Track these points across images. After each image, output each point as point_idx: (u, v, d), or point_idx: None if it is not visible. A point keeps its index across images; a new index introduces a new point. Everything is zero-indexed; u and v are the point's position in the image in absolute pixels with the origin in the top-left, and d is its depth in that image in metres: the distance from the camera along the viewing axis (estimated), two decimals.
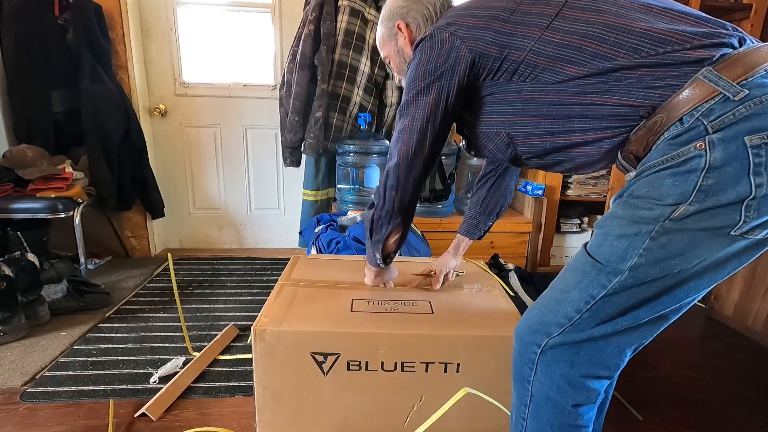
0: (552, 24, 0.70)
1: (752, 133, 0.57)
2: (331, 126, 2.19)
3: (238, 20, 2.46)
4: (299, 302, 1.11)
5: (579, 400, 0.72)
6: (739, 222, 0.58)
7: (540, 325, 0.73)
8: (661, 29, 0.64)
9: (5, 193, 1.91)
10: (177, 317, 1.77)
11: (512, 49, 0.73)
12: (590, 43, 0.67)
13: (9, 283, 1.55)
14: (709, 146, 0.58)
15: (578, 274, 0.70)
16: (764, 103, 0.57)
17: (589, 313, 0.67)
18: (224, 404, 1.29)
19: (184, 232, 2.73)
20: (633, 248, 0.63)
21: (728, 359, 1.68)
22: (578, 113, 0.70)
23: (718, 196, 0.58)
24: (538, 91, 0.73)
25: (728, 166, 0.57)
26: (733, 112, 0.58)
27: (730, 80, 0.59)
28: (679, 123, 0.61)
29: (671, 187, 0.60)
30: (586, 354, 0.70)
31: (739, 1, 2.19)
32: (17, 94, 2.09)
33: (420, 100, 0.81)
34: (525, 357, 0.75)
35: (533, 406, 0.75)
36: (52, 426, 1.18)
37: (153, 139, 2.53)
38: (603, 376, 0.71)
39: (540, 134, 0.76)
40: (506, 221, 2.31)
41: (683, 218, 0.60)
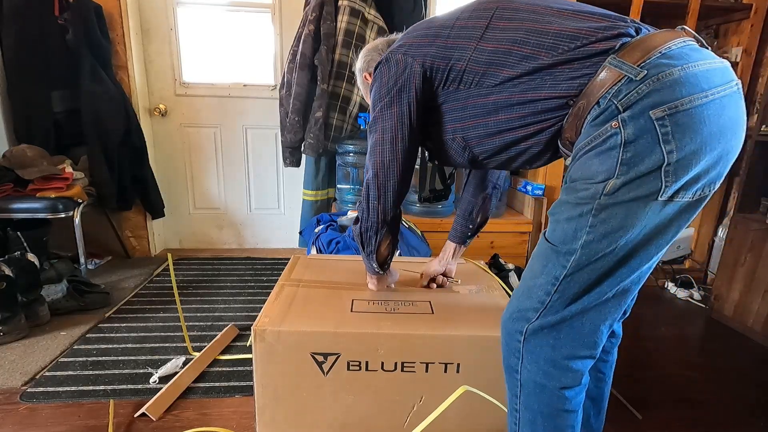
0: (484, 35, 0.81)
1: (655, 107, 0.64)
2: (331, 126, 2.18)
3: (238, 20, 2.46)
4: (299, 302, 1.11)
5: (565, 383, 0.76)
6: (662, 187, 0.66)
7: (518, 312, 0.79)
8: (571, 28, 0.74)
9: (5, 193, 1.91)
10: (177, 317, 1.77)
11: (455, 60, 0.83)
12: (517, 47, 0.77)
13: (9, 283, 1.55)
14: (621, 124, 0.66)
15: (542, 260, 0.76)
16: (661, 80, 0.65)
17: (557, 294, 0.74)
18: (224, 404, 1.29)
19: (184, 232, 2.73)
20: (580, 228, 0.70)
21: (728, 359, 1.68)
22: (517, 110, 0.79)
23: (638, 166, 0.65)
24: (482, 95, 0.82)
25: (641, 138, 0.65)
26: (636, 90, 0.66)
27: (631, 63, 0.67)
28: (597, 105, 0.69)
29: (599, 165, 0.68)
30: (565, 335, 0.75)
31: (739, 1, 2.19)
32: (17, 94, 2.09)
33: (386, 113, 0.90)
34: (511, 347, 0.80)
35: (524, 395, 0.80)
36: (52, 426, 1.18)
37: (153, 139, 2.53)
38: (585, 356, 0.76)
39: (489, 134, 0.84)
40: (506, 221, 2.31)
41: (614, 192, 0.67)
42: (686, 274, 2.40)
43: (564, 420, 0.78)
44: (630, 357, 1.64)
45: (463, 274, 1.37)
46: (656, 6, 2.14)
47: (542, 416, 0.78)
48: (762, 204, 1.93)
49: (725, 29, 2.35)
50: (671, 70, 0.65)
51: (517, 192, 2.48)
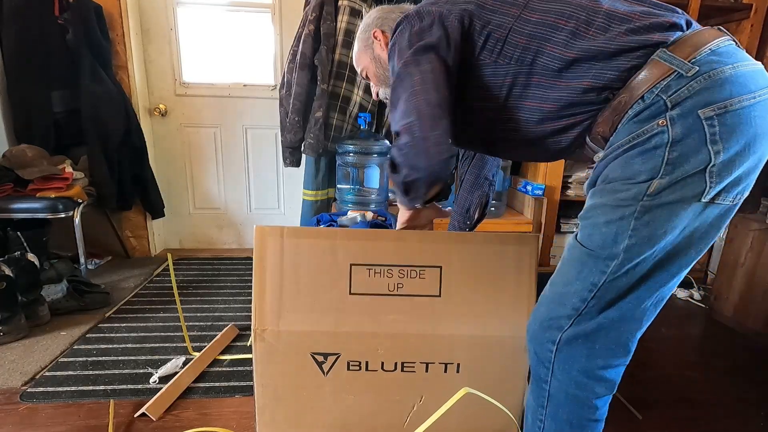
0: (529, 3, 0.74)
1: (704, 107, 0.63)
2: (331, 126, 2.18)
3: (238, 20, 2.46)
4: (290, 278, 0.98)
5: (599, 392, 0.74)
6: (706, 188, 0.64)
7: (550, 321, 0.75)
8: (622, 10, 0.70)
9: (5, 193, 1.91)
10: (177, 317, 1.77)
11: (494, 26, 0.75)
12: (564, 21, 0.71)
13: (9, 283, 1.55)
14: (669, 122, 0.64)
15: (576, 266, 0.73)
16: (712, 77, 0.63)
17: (594, 300, 0.71)
18: (224, 404, 1.29)
19: (184, 232, 2.73)
20: (622, 231, 0.67)
21: (728, 359, 1.68)
22: (556, 96, 0.73)
23: (684, 166, 0.64)
24: (520, 74, 0.75)
25: (688, 138, 0.63)
26: (687, 86, 0.63)
27: (682, 59, 0.65)
28: (641, 101, 0.66)
29: (642, 164, 0.65)
30: (600, 344, 0.72)
31: (739, 1, 2.19)
32: (17, 94, 2.09)
33: (421, 58, 0.75)
34: (541, 357, 0.77)
35: (551, 406, 0.77)
36: (52, 426, 1.18)
37: (153, 139, 2.53)
38: (619, 364, 0.75)
39: (517, 118, 0.78)
40: (506, 221, 2.31)
41: (659, 192, 0.65)
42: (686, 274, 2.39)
43: (591, 430, 0.76)
44: None
45: None
46: None
47: (570, 427, 0.76)
48: (762, 204, 1.93)
49: (725, 29, 2.34)
50: (722, 68, 0.64)
51: (517, 192, 2.48)
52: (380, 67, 0.99)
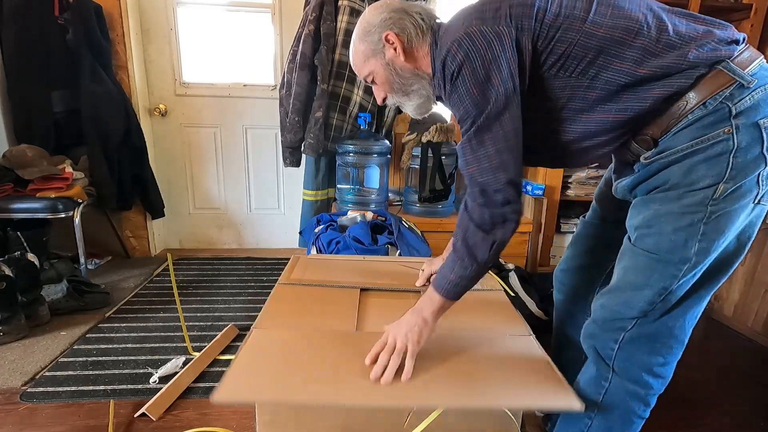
0: (591, 17, 0.72)
1: (765, 117, 0.68)
2: (331, 126, 2.18)
3: (238, 20, 2.45)
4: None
5: (656, 388, 0.80)
6: (759, 191, 0.70)
7: (613, 322, 0.79)
8: (685, 28, 0.73)
9: (5, 193, 1.91)
10: (177, 317, 1.77)
11: (557, 41, 0.73)
12: (631, 38, 0.71)
13: (9, 283, 1.55)
14: (735, 130, 0.68)
15: (645, 272, 0.76)
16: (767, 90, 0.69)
17: (661, 303, 0.76)
18: (224, 404, 1.29)
19: (184, 232, 2.73)
20: (692, 236, 0.71)
21: (728, 359, 1.68)
22: (622, 108, 0.74)
23: (745, 171, 0.69)
24: (584, 87, 0.74)
25: (751, 146, 0.68)
26: (749, 96, 0.68)
27: (743, 71, 0.69)
28: (703, 107, 0.69)
29: (707, 169, 0.69)
30: (663, 343, 0.78)
31: (739, 1, 2.18)
32: (17, 94, 2.09)
33: (510, 102, 0.74)
34: (603, 355, 0.81)
35: (606, 403, 0.81)
36: (52, 426, 1.18)
37: (153, 139, 2.53)
38: (674, 360, 0.81)
39: (576, 131, 0.79)
40: None
41: (724, 196, 0.69)
42: None
43: (637, 426, 0.82)
44: None
45: None
46: None
47: (621, 423, 0.81)
48: None
49: None
50: None
51: None
52: (394, 73, 0.89)
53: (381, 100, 0.96)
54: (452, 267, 0.83)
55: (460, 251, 0.82)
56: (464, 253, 0.81)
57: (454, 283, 0.83)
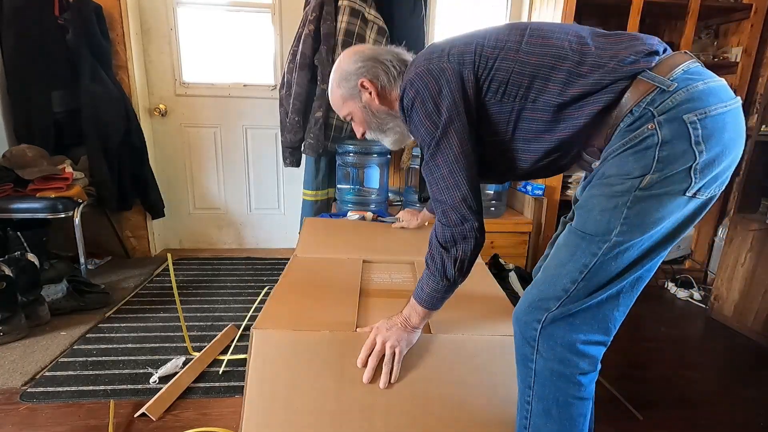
0: (522, 48, 0.82)
1: (688, 113, 0.72)
2: (331, 126, 2.18)
3: (238, 20, 2.45)
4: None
5: (582, 367, 0.79)
6: (691, 183, 0.73)
7: (539, 302, 0.81)
8: (610, 51, 0.79)
9: (5, 193, 1.91)
10: (177, 317, 1.77)
11: (498, 71, 0.83)
12: (560, 63, 0.79)
13: (9, 283, 1.55)
14: (658, 126, 0.73)
15: (570, 249, 0.80)
16: (689, 90, 0.73)
17: (583, 282, 0.78)
18: (224, 404, 1.29)
19: (184, 232, 2.73)
20: (615, 218, 0.75)
21: (728, 359, 1.68)
22: (564, 127, 0.82)
23: (673, 164, 0.72)
24: (527, 110, 0.83)
25: (675, 140, 0.72)
26: (671, 99, 0.73)
27: (663, 76, 0.75)
28: (630, 114, 0.76)
29: (635, 162, 0.74)
30: (582, 321, 0.79)
31: (739, 1, 2.19)
32: (17, 94, 2.09)
33: (455, 126, 0.84)
34: (526, 336, 0.82)
35: (537, 385, 0.82)
36: (52, 426, 1.18)
37: (153, 139, 2.53)
38: (599, 341, 0.80)
39: (529, 150, 0.86)
40: (506, 221, 2.31)
41: (650, 186, 0.73)
42: (686, 274, 2.40)
43: (578, 408, 0.80)
44: (630, 357, 1.64)
45: None
46: (656, 6, 2.14)
47: (557, 405, 0.80)
48: (762, 204, 1.93)
49: (725, 29, 2.34)
50: (696, 84, 0.74)
51: (517, 192, 2.48)
52: (370, 114, 1.02)
53: (360, 135, 1.09)
54: (427, 281, 0.92)
55: (431, 268, 0.91)
56: (434, 270, 0.90)
57: (430, 296, 0.92)
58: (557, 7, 2.16)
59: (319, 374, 0.99)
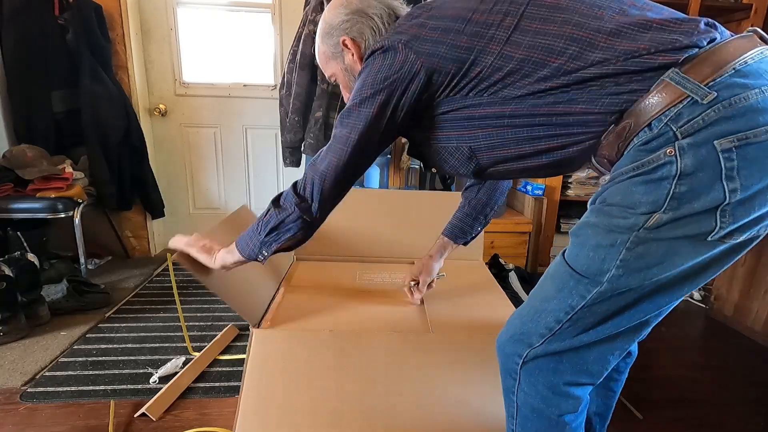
0: (512, 37, 0.67)
1: (722, 137, 0.54)
2: (331, 126, 2.18)
3: (238, 20, 2.46)
4: None
5: (564, 409, 0.70)
6: (716, 228, 0.57)
7: (521, 335, 0.71)
8: (626, 43, 0.61)
9: (5, 193, 1.91)
10: (177, 317, 1.77)
11: (471, 65, 0.70)
12: (552, 58, 0.65)
13: (9, 283, 1.55)
14: (679, 152, 0.56)
15: (557, 283, 0.68)
16: (734, 105, 0.54)
17: (569, 323, 0.66)
18: (224, 404, 1.29)
19: (184, 232, 2.71)
20: (610, 259, 0.61)
21: (728, 359, 1.68)
22: (543, 122, 0.68)
23: (692, 203, 0.56)
24: (498, 104, 0.70)
25: (700, 172, 0.55)
26: (702, 116, 0.55)
27: (698, 82, 0.56)
28: (648, 129, 0.59)
29: (644, 194, 0.58)
30: (568, 362, 0.69)
31: (739, 1, 2.19)
32: (17, 94, 2.09)
33: (362, 111, 0.76)
34: (508, 368, 0.74)
35: (520, 417, 0.75)
36: (52, 426, 1.18)
37: (153, 139, 2.53)
38: (586, 383, 0.71)
39: (504, 144, 0.73)
40: (506, 221, 2.31)
41: (658, 227, 0.58)
42: None
43: None
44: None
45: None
46: None
47: None
48: None
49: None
50: (747, 93, 0.55)
51: (517, 192, 2.48)
52: (353, 78, 0.89)
53: (347, 97, 0.92)
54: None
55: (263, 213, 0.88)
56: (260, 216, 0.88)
57: (241, 235, 0.95)
58: None
59: (319, 374, 0.99)
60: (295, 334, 1.00)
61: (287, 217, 0.83)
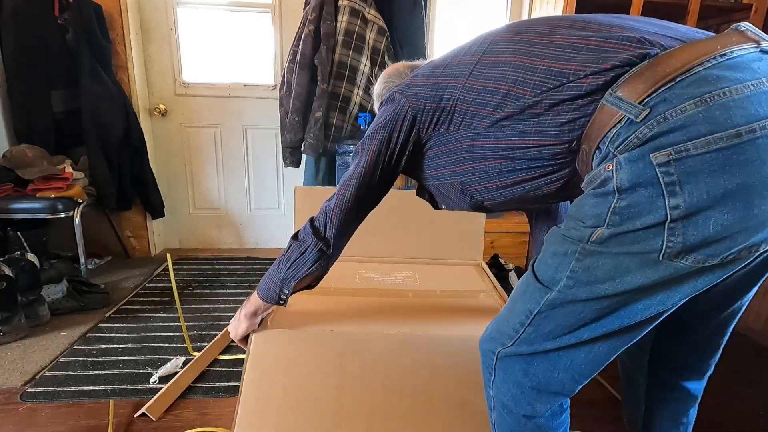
0: (473, 71, 0.72)
1: (656, 150, 0.51)
2: (331, 126, 2.18)
3: (238, 20, 2.46)
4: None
5: (528, 412, 0.71)
6: (663, 246, 0.53)
7: (497, 334, 0.74)
8: (561, 63, 0.61)
9: (5, 193, 1.91)
10: (177, 317, 1.78)
11: (444, 100, 0.76)
12: (502, 85, 0.67)
13: (9, 283, 1.55)
14: (616, 167, 0.54)
15: (523, 287, 0.70)
16: (668, 119, 0.51)
17: (531, 327, 0.67)
18: (224, 404, 1.29)
19: (184, 232, 2.73)
20: (562, 268, 0.62)
21: (728, 359, 1.68)
22: (510, 156, 0.69)
23: (633, 220, 0.54)
24: (470, 138, 0.73)
25: (640, 187, 0.53)
26: (636, 134, 0.53)
27: (631, 101, 0.54)
28: (598, 151, 0.58)
29: (591, 208, 0.58)
30: (539, 366, 0.68)
31: (739, 1, 2.19)
32: (17, 94, 2.09)
33: (365, 148, 0.84)
34: (486, 363, 0.76)
35: (495, 412, 0.77)
36: (52, 426, 1.18)
37: (153, 139, 2.53)
38: (555, 391, 0.69)
39: (488, 177, 0.75)
40: (506, 221, 2.31)
41: (603, 241, 0.57)
42: None
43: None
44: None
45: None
46: (656, 6, 2.14)
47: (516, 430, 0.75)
48: None
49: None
50: (684, 105, 0.51)
51: None
52: None
53: None
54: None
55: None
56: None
57: (262, 280, 0.97)
58: (557, 6, 2.16)
59: (319, 374, 0.99)
60: (295, 335, 1.00)
61: (306, 249, 0.88)
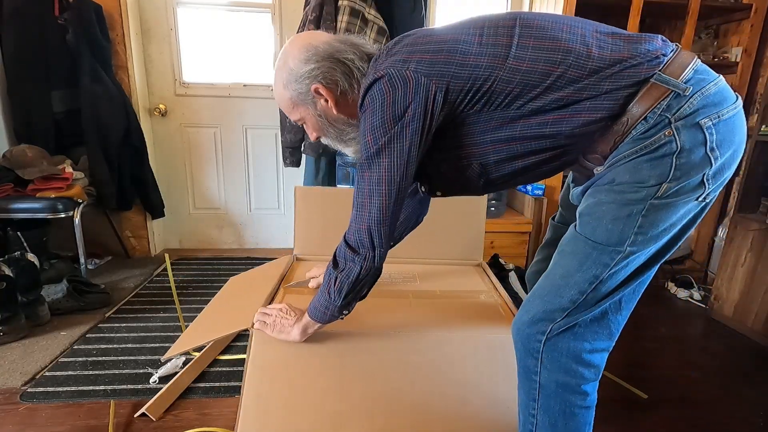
0: (512, 52, 0.74)
1: (704, 117, 0.69)
2: None
3: (238, 20, 2.45)
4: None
5: (588, 377, 0.78)
6: (705, 190, 0.72)
7: (544, 314, 0.78)
8: (610, 52, 0.73)
9: (5, 193, 1.91)
10: (177, 317, 1.78)
11: (482, 80, 0.74)
12: (555, 68, 0.73)
13: (9, 283, 1.55)
14: (676, 132, 0.70)
15: (579, 257, 0.76)
16: (704, 93, 0.70)
17: (592, 293, 0.75)
18: (224, 404, 1.29)
19: (184, 232, 2.73)
20: (628, 227, 0.72)
21: (728, 359, 1.68)
22: (551, 133, 0.76)
23: (690, 172, 0.70)
24: (510, 118, 0.76)
25: (694, 147, 0.69)
26: (687, 104, 0.70)
27: (676, 78, 0.71)
28: (644, 121, 0.71)
29: (651, 170, 0.71)
30: (587, 329, 0.77)
31: (739, 1, 2.19)
32: (17, 94, 2.09)
33: (394, 147, 0.76)
34: (529, 348, 0.80)
35: (542, 398, 0.80)
36: (52, 426, 1.18)
37: (153, 139, 2.53)
38: (604, 348, 0.79)
39: (512, 157, 0.80)
40: (506, 221, 2.31)
41: (666, 195, 0.71)
42: (686, 274, 2.40)
43: (583, 417, 0.80)
44: (630, 357, 1.64)
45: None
46: (656, 6, 2.14)
47: (563, 417, 0.79)
48: (762, 204, 1.93)
49: (725, 29, 2.34)
50: (708, 86, 0.71)
51: (517, 192, 2.48)
52: (327, 124, 0.90)
53: (314, 138, 0.95)
54: (320, 289, 0.92)
55: (326, 278, 0.90)
56: (325, 281, 0.90)
57: (314, 305, 0.94)
58: (557, 6, 2.16)
59: (319, 374, 0.99)
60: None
61: (359, 274, 0.85)
